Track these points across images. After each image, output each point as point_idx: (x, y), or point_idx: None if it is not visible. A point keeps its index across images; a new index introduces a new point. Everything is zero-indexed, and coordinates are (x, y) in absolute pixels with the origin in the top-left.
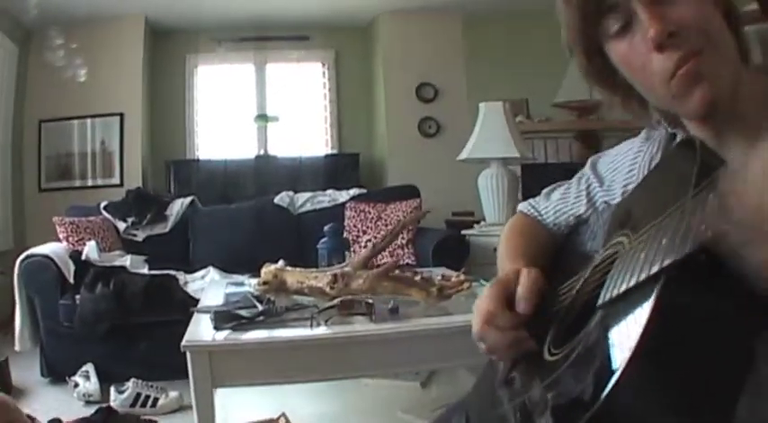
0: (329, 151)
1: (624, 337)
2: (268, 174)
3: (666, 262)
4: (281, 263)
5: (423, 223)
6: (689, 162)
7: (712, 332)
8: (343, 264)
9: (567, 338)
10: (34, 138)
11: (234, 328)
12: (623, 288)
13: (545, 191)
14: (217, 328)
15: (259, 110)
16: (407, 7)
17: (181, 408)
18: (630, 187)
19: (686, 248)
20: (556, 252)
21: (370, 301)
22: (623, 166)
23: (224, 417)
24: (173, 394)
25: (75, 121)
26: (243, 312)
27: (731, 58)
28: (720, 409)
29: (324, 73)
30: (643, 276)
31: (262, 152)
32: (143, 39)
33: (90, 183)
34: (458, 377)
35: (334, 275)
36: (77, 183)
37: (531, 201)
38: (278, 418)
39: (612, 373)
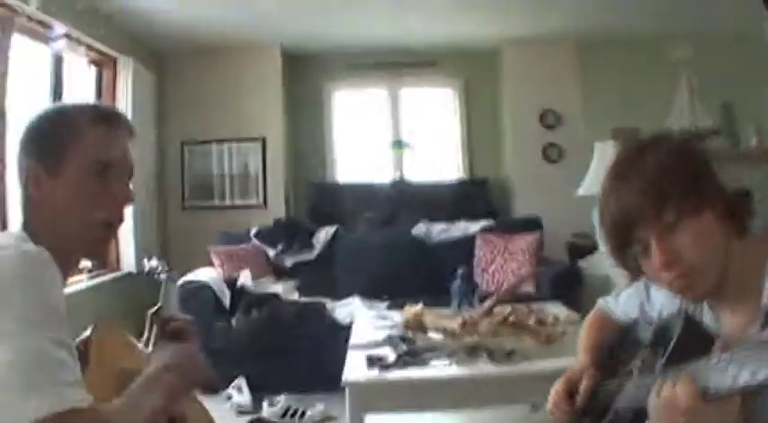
0: (460, 175)
1: None
2: (404, 197)
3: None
4: (420, 305)
5: (544, 252)
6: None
7: None
8: (471, 310)
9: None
10: (177, 159)
11: (382, 368)
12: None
13: (615, 292)
14: (370, 367)
15: (394, 134)
16: (527, 36)
17: (326, 419)
18: (664, 314)
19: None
20: (618, 340)
21: (491, 346)
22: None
23: None
24: (319, 407)
25: (217, 145)
26: (389, 354)
27: (716, 266)
28: None
29: (454, 99)
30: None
31: (397, 176)
32: (280, 67)
33: (234, 202)
34: None
35: (464, 321)
36: (219, 202)
37: (606, 298)
38: None
39: None
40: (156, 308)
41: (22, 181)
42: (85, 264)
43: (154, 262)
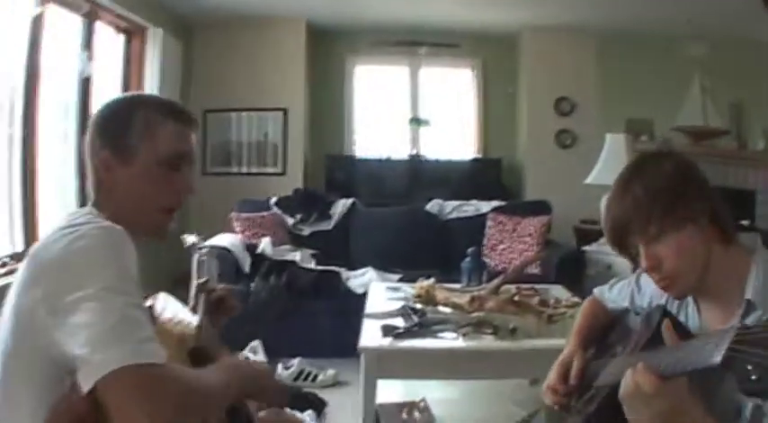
0: (475, 155)
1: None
2: (419, 174)
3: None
4: (431, 280)
5: (552, 235)
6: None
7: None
8: (480, 287)
9: (581, 395)
10: (200, 126)
11: (395, 337)
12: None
13: (611, 282)
14: (384, 335)
15: (412, 111)
16: (548, 25)
17: (336, 383)
18: (653, 304)
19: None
20: (609, 325)
21: (496, 323)
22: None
23: (381, 398)
24: (330, 372)
25: (237, 114)
26: (402, 324)
27: (696, 272)
28: None
29: (472, 79)
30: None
31: (414, 152)
32: (304, 40)
33: (251, 170)
34: None
35: (472, 297)
36: (239, 169)
37: (601, 288)
38: (419, 401)
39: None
40: (203, 279)
41: (93, 163)
42: None
43: (194, 237)
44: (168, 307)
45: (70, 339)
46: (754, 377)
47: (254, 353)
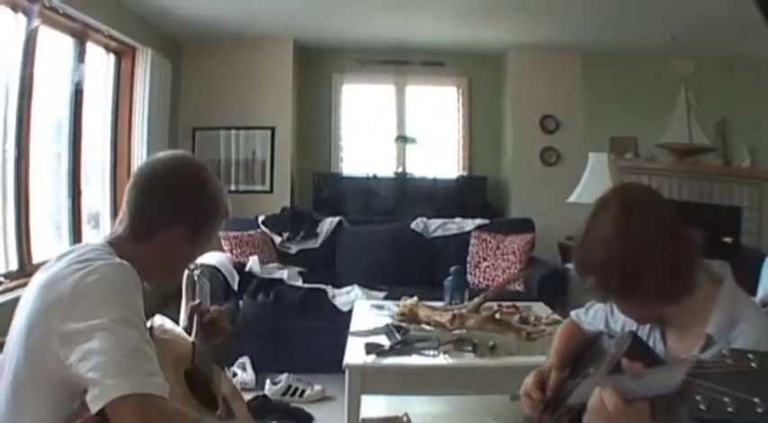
0: (461, 172)
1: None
2: (405, 191)
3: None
4: (414, 298)
5: (536, 252)
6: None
7: None
8: (461, 305)
9: (554, 411)
10: (188, 145)
11: (378, 354)
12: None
13: (587, 305)
14: (368, 353)
15: (399, 129)
16: (534, 43)
17: (324, 398)
18: (626, 328)
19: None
20: (585, 346)
21: (476, 341)
22: None
23: (366, 412)
24: (317, 387)
25: (226, 132)
26: (385, 342)
27: (653, 318)
28: None
29: (458, 98)
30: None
31: (400, 170)
32: (292, 59)
33: (240, 188)
34: None
35: (454, 315)
36: (228, 187)
37: (578, 311)
38: (402, 416)
39: None
40: (196, 302)
41: (150, 221)
42: None
43: None
44: (167, 329)
45: (83, 363)
46: (702, 407)
47: (243, 369)
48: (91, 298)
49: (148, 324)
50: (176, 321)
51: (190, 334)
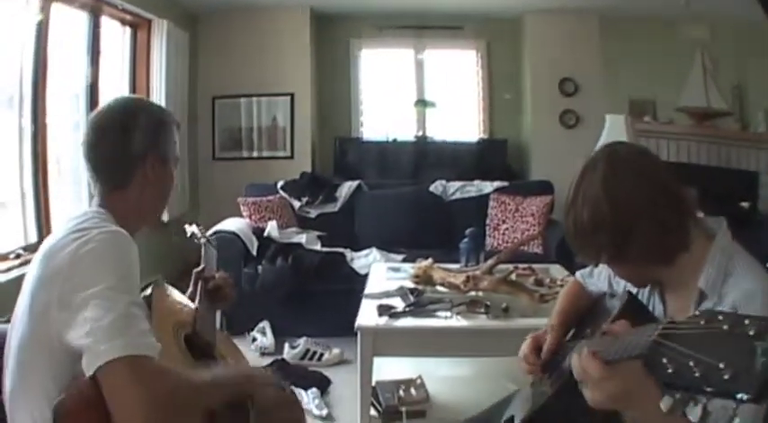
0: (481, 135)
1: (557, 379)
2: (426, 155)
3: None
4: (429, 260)
5: (555, 214)
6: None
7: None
8: (476, 267)
9: (552, 373)
10: (208, 113)
11: (391, 316)
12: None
13: (591, 267)
14: (380, 314)
15: (418, 93)
16: (551, 6)
17: (341, 362)
18: (628, 287)
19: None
20: (589, 307)
21: (488, 303)
22: None
23: (377, 375)
24: (335, 351)
25: (246, 100)
26: (398, 305)
27: (648, 279)
28: None
29: (477, 61)
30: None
31: (420, 134)
32: (309, 26)
33: (261, 154)
34: None
35: (468, 277)
36: (248, 153)
37: (582, 271)
38: (416, 379)
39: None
40: (200, 268)
41: (121, 164)
42: None
43: (195, 228)
44: (168, 295)
45: (78, 330)
46: (669, 371)
47: (263, 333)
48: (86, 267)
49: (148, 291)
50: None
51: (194, 301)
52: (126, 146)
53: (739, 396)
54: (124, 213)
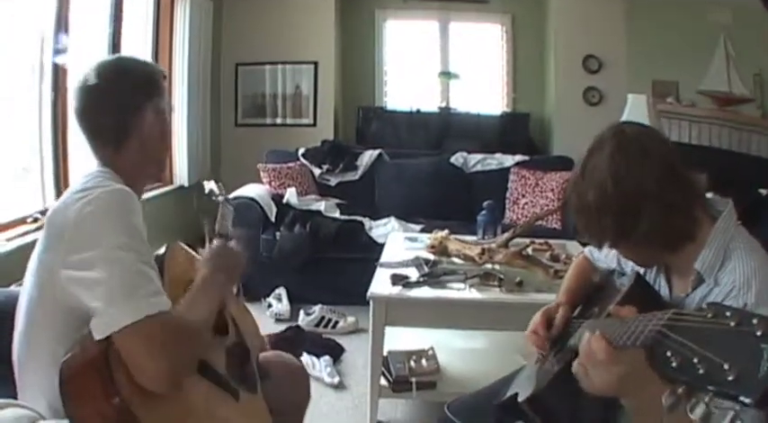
0: (504, 109)
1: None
2: (448, 126)
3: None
4: (446, 231)
5: None
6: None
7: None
8: (491, 240)
9: (557, 351)
10: (231, 80)
11: (404, 286)
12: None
13: None
14: (393, 284)
15: (442, 64)
16: None
17: (356, 330)
18: (635, 267)
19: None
20: (597, 284)
21: (502, 276)
22: None
23: (390, 345)
24: (350, 319)
25: (271, 67)
26: (412, 274)
27: (654, 261)
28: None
29: (501, 35)
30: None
31: (444, 105)
32: None
33: (283, 121)
34: None
35: (483, 249)
36: (271, 120)
37: (591, 248)
38: (428, 350)
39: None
40: (214, 226)
41: (123, 119)
42: None
43: (213, 184)
44: (181, 254)
45: (87, 293)
46: (673, 365)
47: (279, 299)
48: (90, 227)
49: (161, 250)
50: None
51: None
52: (120, 104)
53: (742, 399)
54: (128, 170)
